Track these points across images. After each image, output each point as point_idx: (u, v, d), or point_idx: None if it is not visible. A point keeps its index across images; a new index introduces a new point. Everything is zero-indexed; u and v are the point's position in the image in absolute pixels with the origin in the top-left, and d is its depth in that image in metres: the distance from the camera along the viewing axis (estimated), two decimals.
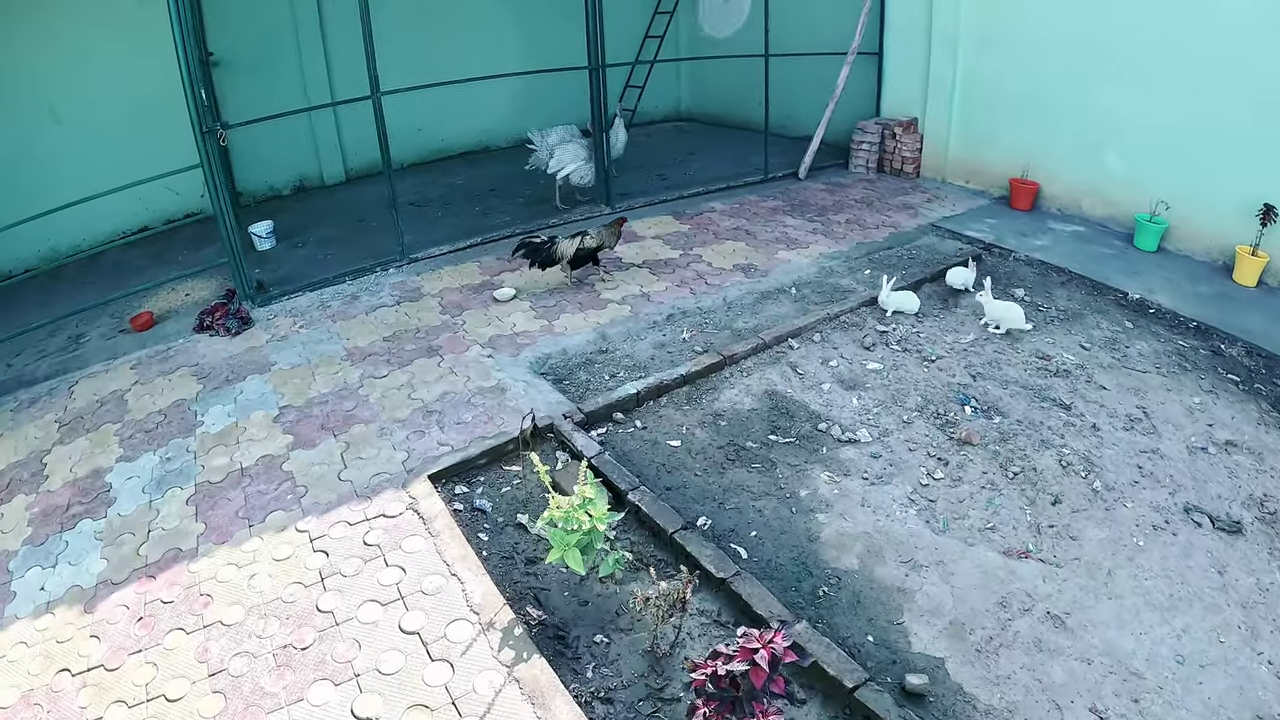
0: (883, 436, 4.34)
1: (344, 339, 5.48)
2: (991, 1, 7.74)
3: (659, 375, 4.65)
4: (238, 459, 4.25)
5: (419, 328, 5.57)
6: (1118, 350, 5.31)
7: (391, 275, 6.54)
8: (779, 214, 7.70)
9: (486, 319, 5.64)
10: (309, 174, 9.39)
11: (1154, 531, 3.69)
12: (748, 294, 5.94)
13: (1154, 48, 6.69)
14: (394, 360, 5.13)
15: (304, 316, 5.90)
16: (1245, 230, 6.41)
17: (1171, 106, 6.69)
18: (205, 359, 5.38)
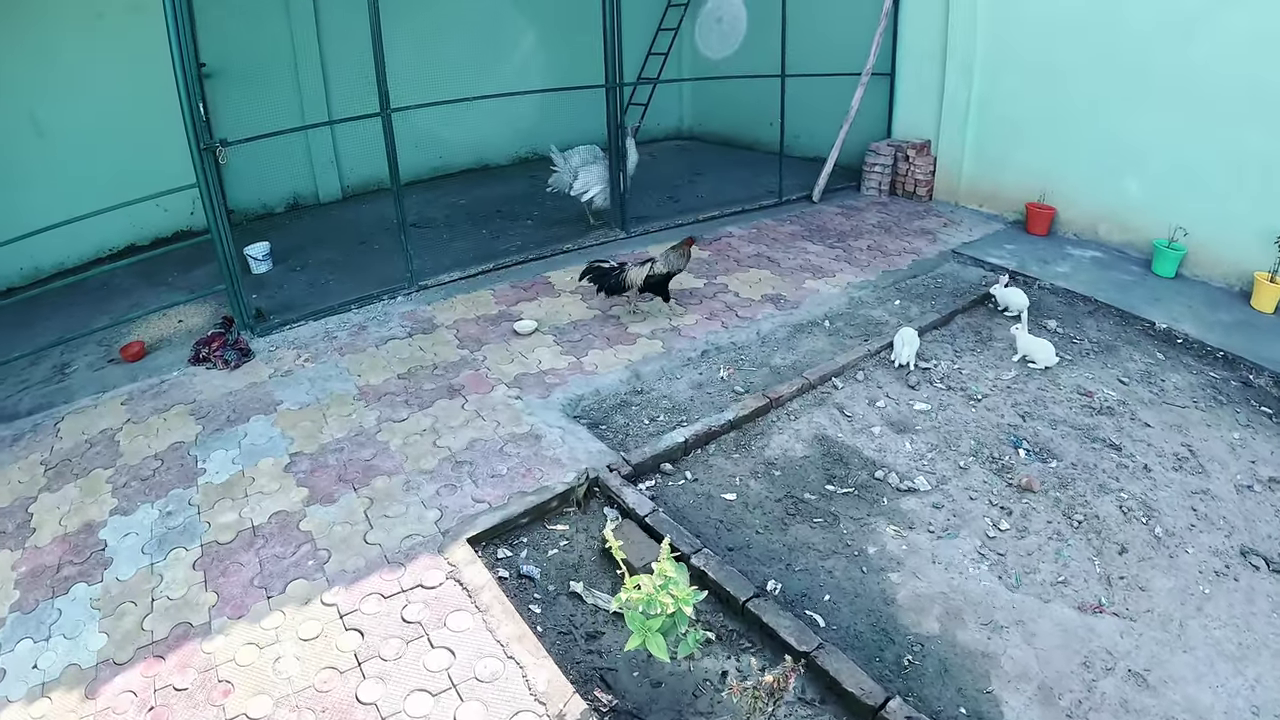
0: (941, 484, 4.17)
1: (355, 375, 5.18)
2: (1008, 23, 7.68)
3: (706, 422, 4.43)
4: (248, 515, 3.93)
5: (436, 364, 5.29)
6: (1154, 384, 5.28)
7: (400, 304, 6.24)
8: (798, 239, 7.54)
9: (509, 354, 5.38)
10: (304, 191, 9.04)
11: (1217, 578, 3.64)
12: (780, 327, 5.75)
13: (1174, 72, 6.66)
14: (413, 401, 4.84)
15: (308, 349, 5.58)
16: (1263, 257, 6.41)
17: (1191, 131, 6.67)
18: (203, 395, 5.04)
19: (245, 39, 7.85)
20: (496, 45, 9.53)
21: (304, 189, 9.01)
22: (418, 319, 5.97)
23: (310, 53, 8.41)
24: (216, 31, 7.56)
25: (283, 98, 8.04)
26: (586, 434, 4.40)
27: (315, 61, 8.45)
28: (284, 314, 6.02)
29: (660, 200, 8.70)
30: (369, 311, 6.12)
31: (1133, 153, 7.06)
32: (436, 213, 8.60)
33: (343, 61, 8.26)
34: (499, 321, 5.88)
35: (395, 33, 5.80)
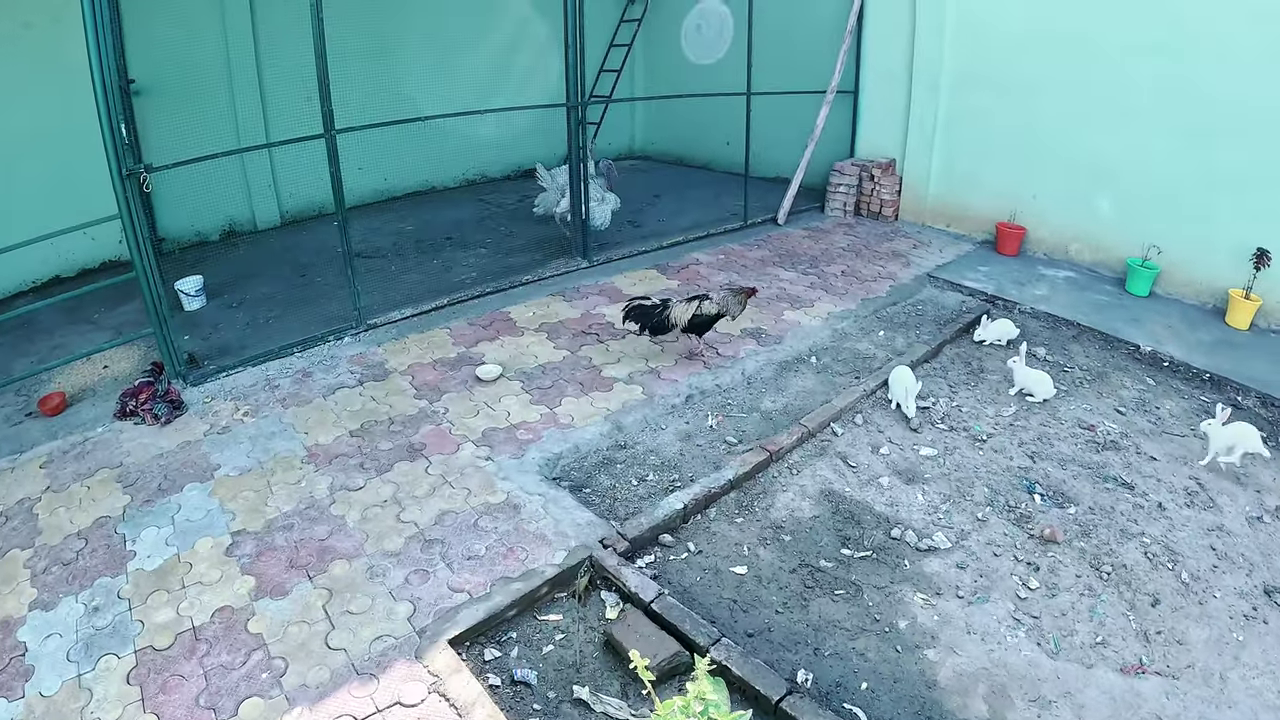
0: (962, 540, 3.90)
1: (301, 432, 4.65)
2: (977, 40, 7.61)
3: (704, 483, 4.06)
4: (187, 613, 3.39)
5: (392, 417, 4.80)
6: (1150, 413, 5.21)
7: (347, 345, 5.73)
8: (769, 265, 7.27)
9: (473, 405, 4.92)
10: (240, 217, 8.42)
11: (1247, 622, 3.54)
12: (765, 365, 5.45)
13: (1146, 90, 6.66)
14: (369, 465, 4.34)
15: (248, 400, 5.03)
16: (1237, 274, 6.45)
17: (1163, 150, 6.67)
18: (131, 457, 4.45)
19: (178, 53, 7.26)
20: (446, 61, 9.06)
21: (240, 215, 8.40)
22: (368, 363, 5.47)
23: (246, 68, 7.85)
24: (147, 45, 6.99)
25: (217, 116, 7.50)
26: (571, 501, 3.99)
27: (252, 77, 7.90)
28: (219, 359, 5.46)
29: (619, 224, 8.35)
30: (314, 355, 5.59)
31: (1104, 171, 7.03)
32: (383, 240, 8.08)
33: (281, 77, 7.74)
34: (458, 365, 5.42)
35: (338, 49, 5.31)
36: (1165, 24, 6.45)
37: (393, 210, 9.23)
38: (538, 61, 8.94)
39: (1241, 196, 6.30)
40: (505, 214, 9.04)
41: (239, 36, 7.74)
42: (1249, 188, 6.25)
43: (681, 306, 5.27)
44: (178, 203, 7.44)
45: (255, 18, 7.79)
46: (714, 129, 10.19)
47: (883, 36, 8.33)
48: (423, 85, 8.17)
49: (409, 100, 7.10)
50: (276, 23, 7.69)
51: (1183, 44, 6.37)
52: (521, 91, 7.94)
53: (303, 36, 5.24)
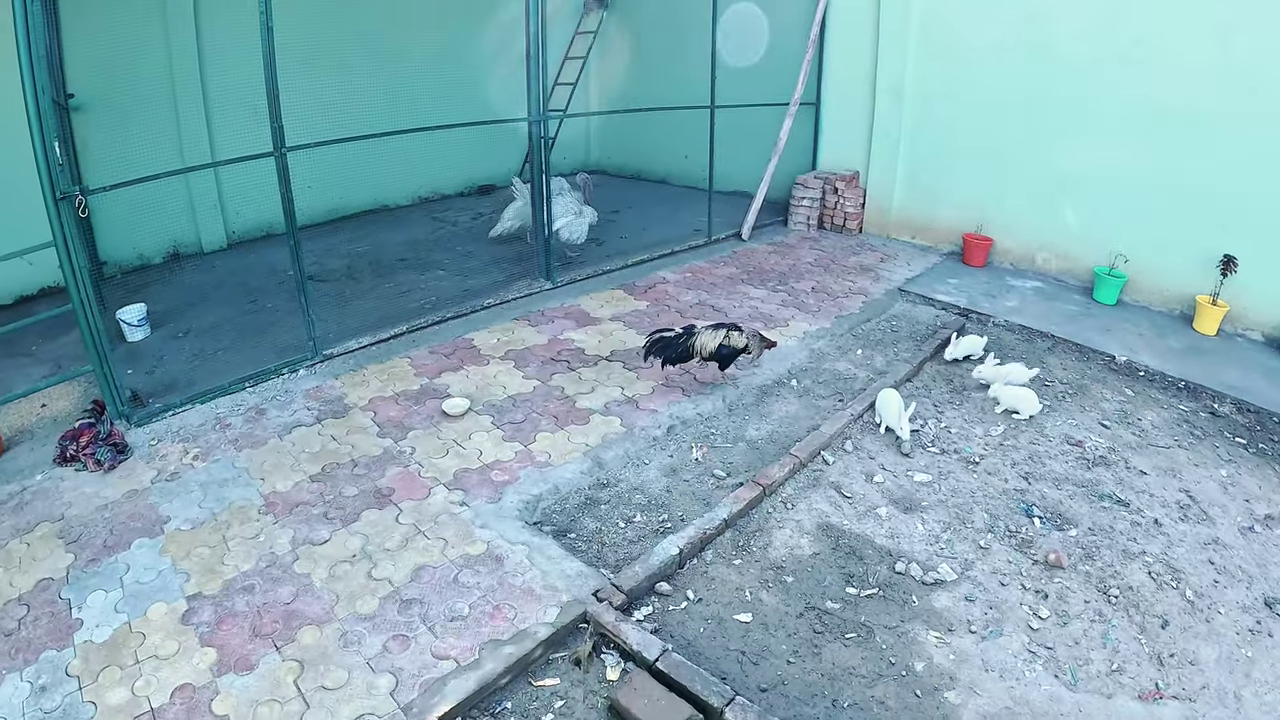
0: (966, 571, 3.81)
1: (257, 478, 4.33)
2: (941, 51, 7.65)
3: (698, 525, 3.88)
4: (143, 692, 3.07)
5: (355, 459, 4.52)
6: (1133, 425, 5.25)
7: (303, 379, 5.42)
8: (738, 283, 7.16)
9: (441, 443, 4.67)
10: (185, 239, 8.02)
11: (1253, 637, 3.56)
12: (745, 390, 5.31)
13: (1110, 100, 6.75)
14: (334, 514, 4.05)
15: (198, 441, 4.68)
16: (1203, 280, 6.55)
17: (1129, 159, 6.77)
18: (73, 509, 4.08)
19: (119, 67, 6.86)
20: (399, 75, 8.77)
21: (185, 236, 8.00)
22: (326, 398, 5.17)
23: (190, 81, 7.51)
24: (87, 58, 6.58)
25: (161, 132, 7.15)
26: (557, 549, 3.77)
27: (196, 91, 7.56)
28: (165, 395, 5.10)
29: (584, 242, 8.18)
30: (267, 390, 5.27)
31: (1070, 181, 7.11)
32: (335, 263, 7.75)
33: (226, 92, 7.42)
34: (423, 399, 5.16)
35: (286, 62, 5.03)
36: (1129, 35, 6.56)
37: (344, 230, 8.90)
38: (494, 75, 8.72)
39: (1206, 204, 6.41)
40: (461, 233, 8.80)
41: (182, 49, 7.42)
42: (1213, 195, 6.37)
43: (709, 334, 5.11)
44: (119, 224, 7.03)
45: (200, 29, 7.48)
46: (672, 142, 10.09)
47: (846, 47, 8.33)
48: (374, 100, 7.89)
49: (360, 115, 6.82)
50: (222, 35, 7.39)
51: (1146, 55, 6.48)
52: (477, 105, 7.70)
53: (249, 50, 4.97)
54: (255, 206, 7.98)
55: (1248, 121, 6.13)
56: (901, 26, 7.77)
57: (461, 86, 8.95)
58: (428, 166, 9.34)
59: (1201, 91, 6.25)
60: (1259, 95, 6.04)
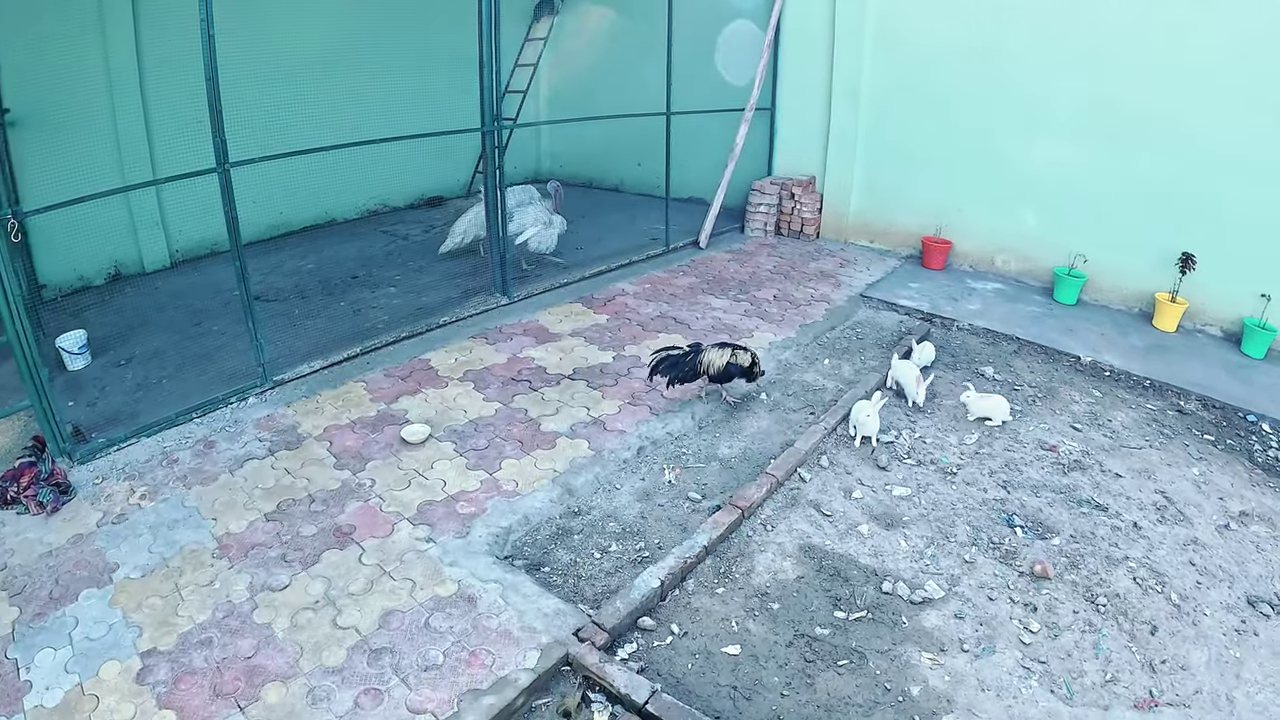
0: (954, 587, 3.74)
1: (209, 517, 4.06)
2: (898, 54, 7.68)
3: (677, 554, 3.73)
4: None
5: (312, 494, 4.27)
6: (1104, 426, 5.29)
7: (253, 407, 5.14)
8: (698, 294, 7.06)
9: (402, 474, 4.45)
10: (126, 259, 7.66)
11: (1239, 637, 3.59)
12: (715, 406, 5.20)
13: (1068, 102, 6.85)
14: (292, 556, 3.81)
15: (145, 478, 4.38)
16: (1162, 278, 6.65)
17: (1088, 160, 6.86)
18: (15, 557, 3.77)
19: (57, 79, 6.56)
20: (349, 83, 8.52)
21: (126, 256, 7.65)
22: (278, 428, 4.91)
23: (130, 94, 7.19)
24: (23, 72, 6.30)
25: (102, 149, 6.83)
26: (532, 586, 3.59)
27: (136, 105, 7.25)
28: (109, 429, 4.78)
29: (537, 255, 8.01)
30: (215, 420, 4.98)
31: (1028, 182, 7.18)
32: (283, 281, 7.45)
33: (168, 105, 7.14)
34: (380, 425, 4.93)
35: (231, 72, 4.79)
36: (1086, 37, 6.65)
37: (291, 246, 8.58)
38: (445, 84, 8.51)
39: (1163, 203, 6.52)
40: (413, 247, 8.57)
41: (122, 60, 7.11)
42: (1170, 194, 6.47)
43: (715, 351, 4.98)
44: (58, 244, 6.72)
45: (140, 39, 7.17)
46: (625, 150, 9.99)
47: (801, 51, 8.32)
48: (321, 111, 7.63)
49: (306, 127, 6.59)
50: (162, 45, 7.09)
51: (1103, 56, 6.58)
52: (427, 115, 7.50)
53: (190, 61, 4.75)
54: (199, 223, 7.68)
55: (1204, 119, 6.25)
56: (857, 29, 7.78)
57: (411, 96, 8.73)
58: (377, 179, 9.09)
59: (1158, 91, 6.36)
60: (1214, 94, 6.16)
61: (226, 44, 4.76)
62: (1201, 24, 6.13)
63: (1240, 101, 6.10)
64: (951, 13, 7.30)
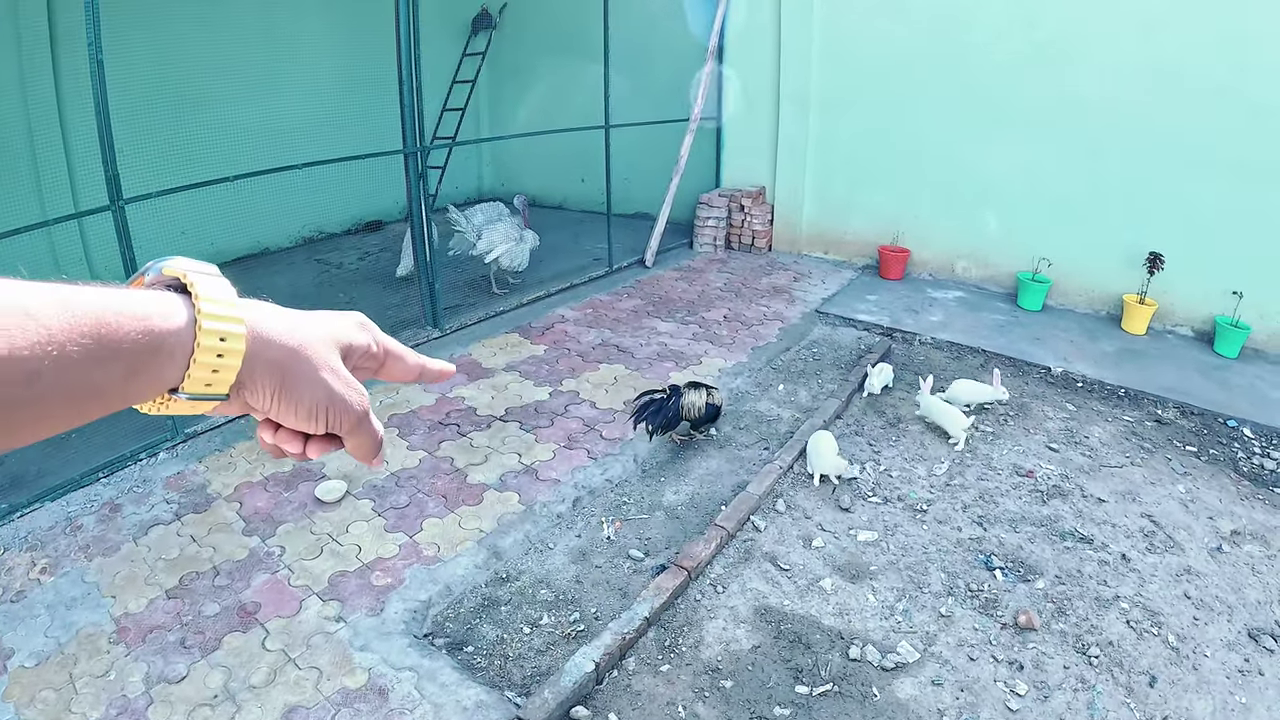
0: (930, 647, 3.35)
1: (108, 595, 3.58)
2: (846, 57, 7.41)
3: (615, 629, 3.28)
4: None
5: (217, 565, 3.78)
6: (1081, 444, 5.01)
7: (163, 464, 4.64)
8: (643, 317, 6.66)
9: (315, 539, 3.97)
10: None
11: (1243, 679, 3.28)
12: (659, 445, 4.78)
13: (1029, 100, 6.64)
14: (192, 640, 3.33)
15: (47, 549, 3.89)
16: (1128, 280, 6.44)
17: (1049, 161, 6.66)
18: None
19: None
20: (274, 106, 8.08)
21: None
22: (187, 487, 4.41)
23: (50, 129, 6.82)
24: None
25: (20, 186, 6.50)
26: (451, 673, 3.13)
27: (57, 141, 6.88)
28: (13, 493, 4.29)
29: (472, 280, 7.57)
30: (123, 480, 4.48)
31: (988, 186, 6.92)
32: None
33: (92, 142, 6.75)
34: (294, 483, 4.44)
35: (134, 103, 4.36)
36: (1047, 37, 6.46)
37: None
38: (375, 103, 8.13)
39: (1128, 202, 6.32)
40: (346, 277, 8.15)
41: (39, 97, 6.74)
42: (1135, 193, 6.28)
43: (694, 393, 4.62)
44: None
45: (58, 69, 6.77)
46: (568, 165, 9.63)
47: (746, 57, 8.02)
48: (245, 135, 7.21)
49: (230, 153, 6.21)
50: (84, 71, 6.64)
51: (1064, 54, 6.39)
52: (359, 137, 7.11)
53: (116, 85, 4.41)
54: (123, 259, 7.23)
55: (1171, 116, 6.08)
56: (804, 34, 7.49)
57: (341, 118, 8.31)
58: (310, 205, 8.67)
59: (1124, 88, 6.18)
60: (1182, 90, 5.99)
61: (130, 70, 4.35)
62: (1170, 20, 5.94)
63: (1207, 97, 5.91)
64: (902, 15, 7.05)
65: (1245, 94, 5.78)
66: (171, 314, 0.56)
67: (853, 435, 4.91)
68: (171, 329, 0.56)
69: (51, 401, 0.49)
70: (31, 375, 0.45)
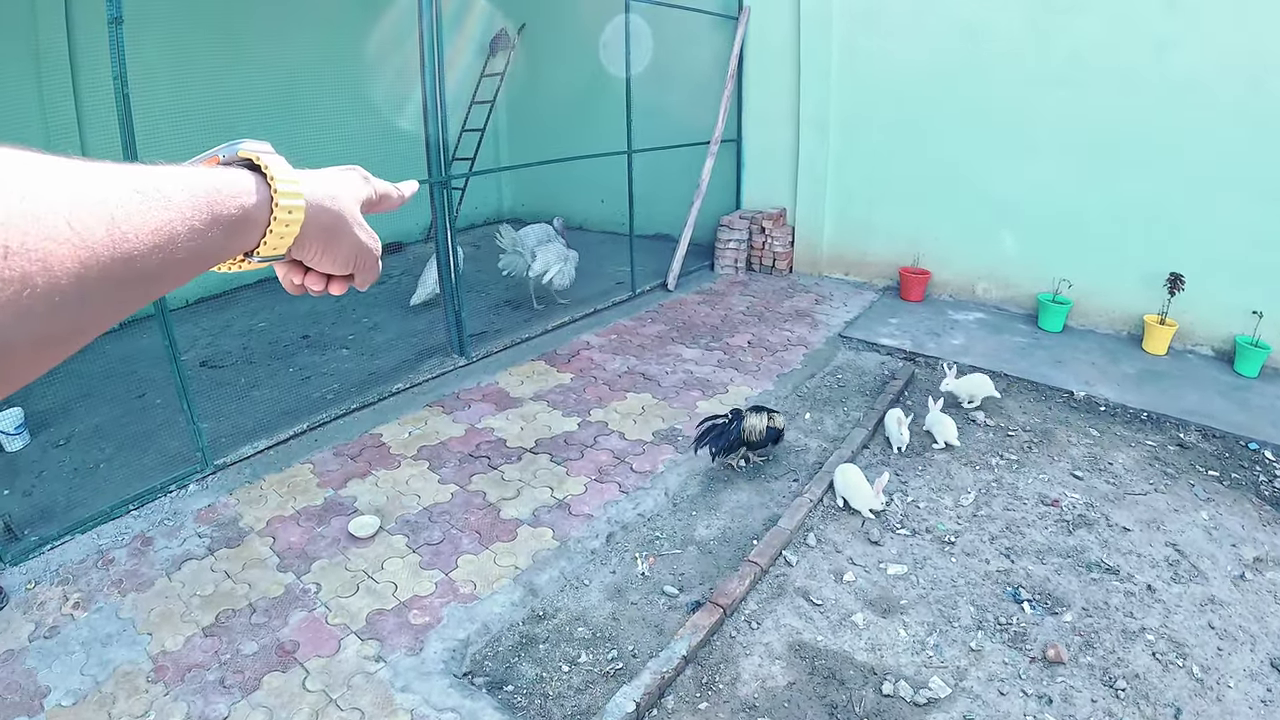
0: (960, 681, 3.44)
1: (144, 632, 3.68)
2: (866, 79, 7.51)
3: (654, 667, 3.40)
4: None
5: (253, 603, 3.90)
6: (1105, 471, 5.08)
7: (194, 496, 4.76)
8: (668, 343, 6.77)
9: (350, 576, 4.10)
10: None
11: (1266, 710, 3.33)
12: (689, 477, 4.89)
13: (1047, 123, 6.71)
14: (231, 680, 3.44)
15: (79, 582, 4.00)
16: (1149, 300, 6.50)
17: (1069, 181, 6.72)
18: None
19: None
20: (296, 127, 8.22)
21: None
22: (219, 520, 4.53)
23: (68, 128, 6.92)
24: None
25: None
26: (493, 712, 3.25)
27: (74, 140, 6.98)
28: (43, 524, 4.40)
29: (495, 304, 7.70)
30: (154, 512, 4.59)
31: (1008, 207, 7.00)
32: (231, 342, 7.14)
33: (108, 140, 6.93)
34: (327, 516, 4.57)
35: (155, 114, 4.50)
36: (1064, 57, 6.53)
37: (244, 302, 8.28)
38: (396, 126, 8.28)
39: (1149, 222, 6.38)
40: (367, 300, 8.30)
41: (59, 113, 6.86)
42: (1156, 213, 6.35)
43: (754, 416, 4.81)
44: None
45: (78, 89, 6.92)
46: (588, 187, 9.78)
47: (766, 80, 8.14)
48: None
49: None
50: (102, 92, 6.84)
51: (1083, 74, 6.44)
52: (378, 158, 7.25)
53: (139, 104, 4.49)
54: None
55: (1188, 135, 6.14)
56: (823, 56, 7.60)
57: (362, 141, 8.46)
58: None
59: (1141, 108, 6.25)
60: (1199, 108, 6.06)
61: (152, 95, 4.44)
62: (1186, 39, 6.01)
63: (1225, 116, 5.99)
64: (920, 37, 7.14)
65: (1263, 112, 5.85)
66: (254, 190, 0.68)
67: (879, 466, 5.02)
68: (255, 204, 0.68)
69: (181, 264, 0.59)
70: (173, 245, 0.57)
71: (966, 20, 6.87)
